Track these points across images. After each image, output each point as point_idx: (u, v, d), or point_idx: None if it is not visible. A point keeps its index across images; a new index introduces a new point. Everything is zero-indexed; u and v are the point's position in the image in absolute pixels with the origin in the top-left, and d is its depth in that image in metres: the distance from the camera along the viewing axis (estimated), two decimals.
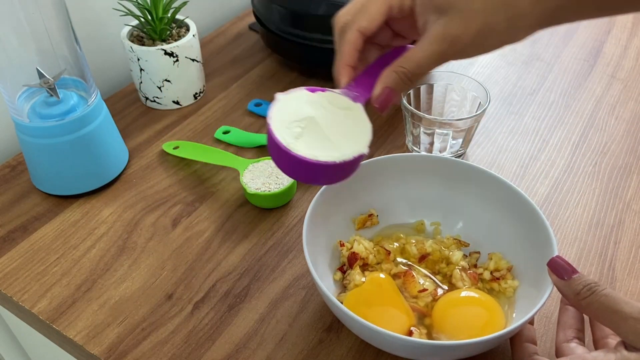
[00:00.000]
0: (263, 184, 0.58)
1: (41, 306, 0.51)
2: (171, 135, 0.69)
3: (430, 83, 0.65)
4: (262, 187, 0.58)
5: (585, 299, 0.38)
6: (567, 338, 0.41)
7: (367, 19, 0.43)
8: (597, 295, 0.38)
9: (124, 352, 0.47)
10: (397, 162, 0.54)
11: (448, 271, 0.50)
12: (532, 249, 0.48)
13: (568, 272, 0.40)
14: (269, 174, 0.59)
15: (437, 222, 0.55)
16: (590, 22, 0.90)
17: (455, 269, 0.50)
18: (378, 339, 0.43)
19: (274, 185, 0.58)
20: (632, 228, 0.58)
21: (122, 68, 0.80)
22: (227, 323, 0.50)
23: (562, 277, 0.40)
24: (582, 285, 0.39)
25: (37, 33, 0.54)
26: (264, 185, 0.58)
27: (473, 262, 0.51)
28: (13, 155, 0.69)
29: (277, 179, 0.59)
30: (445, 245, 0.52)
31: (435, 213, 0.55)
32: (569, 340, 0.41)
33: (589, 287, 0.38)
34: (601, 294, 0.38)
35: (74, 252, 0.56)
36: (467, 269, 0.50)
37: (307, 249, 0.45)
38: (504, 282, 0.49)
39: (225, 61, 0.82)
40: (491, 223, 0.52)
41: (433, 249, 0.51)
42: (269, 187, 0.58)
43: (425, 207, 0.55)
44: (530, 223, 0.48)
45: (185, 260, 0.55)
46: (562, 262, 0.41)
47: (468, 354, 0.43)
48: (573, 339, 0.41)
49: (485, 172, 0.52)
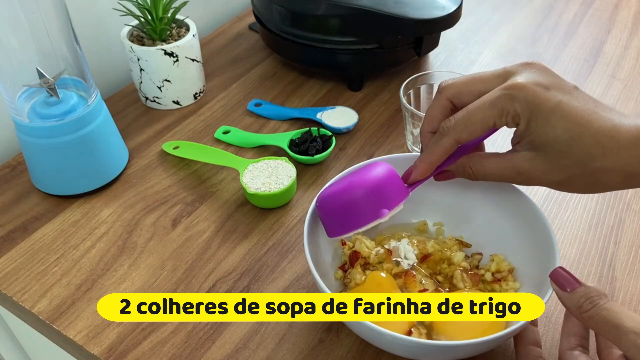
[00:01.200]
0: (263, 184, 0.58)
1: (41, 306, 0.51)
2: (171, 135, 0.69)
3: (430, 83, 0.65)
4: (262, 187, 0.58)
5: (587, 312, 0.38)
6: (571, 346, 0.41)
7: (467, 131, 0.42)
8: (598, 308, 0.37)
9: (124, 352, 0.47)
10: (397, 162, 0.54)
11: (449, 272, 0.50)
12: (534, 251, 0.48)
13: (571, 283, 0.39)
14: (269, 174, 0.59)
15: (440, 223, 0.55)
16: (590, 22, 0.91)
17: (457, 269, 0.50)
18: (377, 338, 0.43)
19: (274, 185, 0.58)
20: (632, 228, 0.58)
21: (122, 68, 0.80)
22: (227, 323, 0.50)
23: (564, 289, 0.39)
24: (585, 298, 0.38)
25: (37, 33, 0.54)
26: (263, 185, 0.58)
27: (475, 263, 0.51)
28: (13, 155, 0.69)
29: (277, 179, 0.59)
30: (447, 246, 0.52)
31: (437, 213, 0.55)
32: (572, 348, 0.41)
33: (591, 300, 0.38)
34: (603, 307, 0.37)
35: (74, 252, 0.56)
36: (468, 270, 0.50)
37: (307, 248, 0.45)
38: (505, 283, 0.49)
39: (225, 61, 0.82)
40: (494, 224, 0.52)
41: (435, 249, 0.51)
42: (269, 187, 0.58)
43: (427, 207, 0.55)
44: (533, 225, 0.48)
45: (185, 260, 0.55)
46: (565, 273, 0.40)
47: (468, 355, 0.43)
48: (577, 346, 0.41)
49: None
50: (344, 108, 0.71)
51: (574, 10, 0.94)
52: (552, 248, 0.45)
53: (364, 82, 0.77)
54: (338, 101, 0.74)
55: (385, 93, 0.76)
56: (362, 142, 0.68)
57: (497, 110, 0.41)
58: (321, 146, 0.64)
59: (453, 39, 0.86)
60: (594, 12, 0.93)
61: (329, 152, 0.64)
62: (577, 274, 0.53)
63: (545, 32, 0.88)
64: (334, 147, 0.66)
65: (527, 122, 0.40)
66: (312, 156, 0.63)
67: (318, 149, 0.64)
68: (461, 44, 0.86)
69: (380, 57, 0.73)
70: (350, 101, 0.74)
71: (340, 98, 0.75)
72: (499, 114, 0.41)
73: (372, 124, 0.71)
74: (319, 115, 0.70)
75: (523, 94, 0.40)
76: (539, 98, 0.39)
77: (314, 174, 0.63)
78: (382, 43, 0.72)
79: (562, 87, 0.40)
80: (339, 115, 0.70)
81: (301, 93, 0.76)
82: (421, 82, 0.65)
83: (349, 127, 0.69)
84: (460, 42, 0.86)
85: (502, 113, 0.40)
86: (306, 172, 0.64)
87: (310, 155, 0.63)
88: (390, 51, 0.73)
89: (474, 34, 0.88)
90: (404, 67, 0.80)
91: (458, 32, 0.88)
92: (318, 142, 0.64)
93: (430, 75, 0.65)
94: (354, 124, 0.69)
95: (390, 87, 0.77)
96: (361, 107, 0.73)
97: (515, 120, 0.41)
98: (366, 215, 0.44)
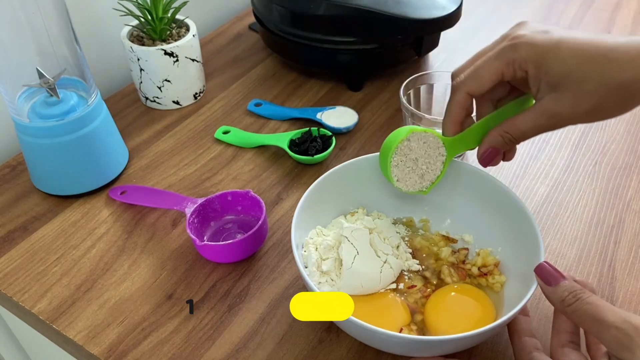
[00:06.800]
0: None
1: (41, 306, 0.51)
2: (171, 135, 0.69)
3: (430, 83, 0.65)
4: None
5: (570, 305, 0.38)
6: (562, 342, 0.41)
7: (477, 83, 0.45)
8: (581, 302, 0.38)
9: (124, 352, 0.47)
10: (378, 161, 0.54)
11: (437, 267, 0.51)
12: (519, 244, 0.48)
13: (555, 278, 0.40)
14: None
15: (426, 219, 0.56)
16: (590, 22, 0.91)
17: (444, 265, 0.51)
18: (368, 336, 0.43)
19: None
20: (632, 228, 0.58)
21: (122, 68, 0.80)
22: (227, 323, 0.50)
23: (548, 283, 0.40)
24: (568, 291, 0.39)
25: (37, 33, 0.54)
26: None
27: (462, 258, 0.52)
28: (13, 155, 0.69)
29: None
30: (434, 242, 0.53)
31: (423, 210, 0.56)
32: (563, 344, 0.41)
33: (574, 294, 0.38)
34: (585, 301, 0.37)
35: (74, 252, 0.56)
36: (455, 265, 0.51)
37: (296, 252, 0.46)
38: (491, 277, 0.49)
39: (225, 61, 0.82)
40: (479, 219, 0.53)
41: (422, 245, 0.52)
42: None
43: (413, 204, 0.56)
44: (516, 218, 0.49)
45: (185, 260, 0.55)
46: (549, 267, 0.40)
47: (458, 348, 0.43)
48: (567, 343, 0.41)
49: (472, 169, 0.52)
50: (344, 108, 0.71)
51: (574, 10, 0.94)
52: (536, 241, 0.46)
53: (364, 82, 0.77)
54: (338, 101, 0.74)
55: (385, 93, 0.76)
56: (362, 142, 0.68)
57: (503, 61, 0.43)
58: (321, 146, 0.64)
59: (453, 39, 0.86)
60: (594, 12, 0.93)
61: (329, 152, 0.64)
62: (577, 274, 0.53)
63: None
64: (334, 147, 0.66)
65: (536, 65, 0.42)
66: (312, 156, 0.63)
67: (318, 149, 0.64)
68: (461, 44, 0.86)
69: (380, 57, 0.73)
70: (350, 101, 0.74)
71: (340, 98, 0.75)
72: (506, 63, 0.43)
73: (372, 124, 0.71)
74: (319, 115, 0.70)
75: (525, 41, 0.42)
76: (541, 40, 0.42)
77: (314, 174, 0.63)
78: (382, 43, 0.72)
79: (558, 28, 0.42)
80: (339, 115, 0.70)
81: (301, 93, 0.76)
82: (421, 82, 0.65)
83: (349, 127, 0.69)
84: (460, 42, 0.86)
85: (509, 62, 0.43)
86: (306, 172, 0.64)
87: (310, 155, 0.63)
88: (390, 51, 0.73)
89: (474, 34, 0.88)
90: (404, 67, 0.80)
91: (458, 32, 0.88)
92: (318, 142, 0.64)
93: (430, 75, 0.65)
94: (354, 124, 0.69)
95: (390, 87, 0.77)
96: (361, 107, 0.73)
97: (522, 67, 0.42)
98: None
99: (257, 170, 0.64)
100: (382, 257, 0.49)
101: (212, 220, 0.57)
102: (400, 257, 0.51)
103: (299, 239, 0.49)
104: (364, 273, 0.48)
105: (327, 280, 0.48)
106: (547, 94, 0.42)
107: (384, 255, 0.49)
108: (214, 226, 0.57)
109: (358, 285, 0.48)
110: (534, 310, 0.50)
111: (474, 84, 0.45)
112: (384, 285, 0.49)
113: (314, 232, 0.51)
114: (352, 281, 0.47)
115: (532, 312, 0.50)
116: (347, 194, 0.54)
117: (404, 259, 0.51)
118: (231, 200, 0.56)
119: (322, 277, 0.48)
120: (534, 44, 0.42)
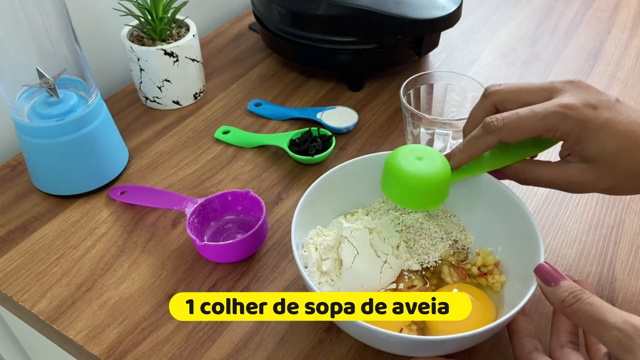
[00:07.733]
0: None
1: (41, 306, 0.51)
2: (171, 135, 0.69)
3: (430, 83, 0.65)
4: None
5: (570, 306, 0.38)
6: (561, 343, 0.41)
7: (513, 136, 0.45)
8: (581, 303, 0.37)
9: (124, 352, 0.47)
10: (379, 161, 0.53)
11: (437, 267, 0.51)
12: (519, 244, 0.48)
13: (554, 278, 0.40)
14: None
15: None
16: (590, 22, 0.90)
17: (444, 265, 0.51)
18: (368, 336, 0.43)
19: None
20: (632, 228, 0.58)
21: (122, 68, 0.80)
22: (227, 323, 0.50)
23: (548, 284, 0.40)
24: (568, 292, 0.38)
25: (37, 33, 0.54)
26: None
27: (461, 258, 0.52)
28: (13, 155, 0.69)
29: None
30: None
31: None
32: (562, 345, 0.41)
33: (574, 295, 0.38)
34: (586, 302, 0.37)
35: (74, 252, 0.56)
36: (455, 265, 0.51)
37: (296, 252, 0.46)
38: (491, 277, 0.49)
39: (225, 61, 0.82)
40: (479, 219, 0.53)
41: None
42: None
43: None
44: (516, 218, 0.49)
45: (185, 260, 0.55)
46: (549, 268, 0.40)
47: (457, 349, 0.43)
48: (567, 343, 0.41)
49: None
50: (344, 108, 0.71)
51: (574, 10, 0.94)
52: (536, 241, 0.46)
53: (364, 82, 0.77)
54: (338, 101, 0.74)
55: (385, 93, 0.76)
56: (362, 142, 0.68)
57: (547, 124, 0.44)
58: (321, 146, 0.64)
59: (453, 39, 0.86)
60: (594, 12, 0.93)
61: (329, 152, 0.64)
62: (577, 274, 0.53)
63: (545, 32, 0.88)
64: (334, 147, 0.66)
65: (577, 139, 0.44)
66: (312, 156, 0.63)
67: (318, 149, 0.64)
68: (461, 44, 0.86)
69: (380, 57, 0.73)
70: (350, 101, 0.74)
71: (340, 98, 0.75)
72: (548, 128, 0.44)
73: (372, 124, 0.71)
74: (319, 115, 0.70)
75: (575, 114, 0.43)
76: (589, 117, 0.43)
77: (314, 174, 0.63)
78: (382, 43, 0.72)
79: (607, 104, 0.44)
80: (339, 115, 0.70)
81: (301, 93, 0.76)
82: (421, 82, 0.65)
83: (349, 127, 0.69)
84: (460, 42, 0.86)
85: (551, 128, 0.44)
86: (306, 172, 0.64)
87: (310, 155, 0.63)
88: (390, 51, 0.73)
89: (474, 34, 0.88)
90: (404, 67, 0.80)
91: (458, 32, 0.88)
92: (318, 142, 0.64)
93: (430, 75, 0.65)
94: (354, 124, 0.69)
95: (390, 87, 0.77)
96: (361, 107, 0.73)
97: (563, 136, 0.44)
98: None
99: (257, 170, 0.65)
100: (382, 257, 0.49)
101: (212, 220, 0.57)
102: (400, 257, 0.51)
103: (299, 239, 0.49)
104: (364, 273, 0.48)
105: (327, 280, 0.48)
106: (577, 161, 0.45)
107: (384, 255, 0.49)
108: (214, 226, 0.57)
109: (358, 285, 0.48)
110: (534, 310, 0.50)
111: (511, 136, 0.45)
112: (384, 285, 0.49)
113: (314, 232, 0.51)
114: (352, 281, 0.47)
115: (532, 312, 0.50)
116: (347, 194, 0.54)
117: (404, 259, 0.51)
118: (231, 200, 0.56)
119: (322, 277, 0.48)
120: (583, 121, 0.43)
